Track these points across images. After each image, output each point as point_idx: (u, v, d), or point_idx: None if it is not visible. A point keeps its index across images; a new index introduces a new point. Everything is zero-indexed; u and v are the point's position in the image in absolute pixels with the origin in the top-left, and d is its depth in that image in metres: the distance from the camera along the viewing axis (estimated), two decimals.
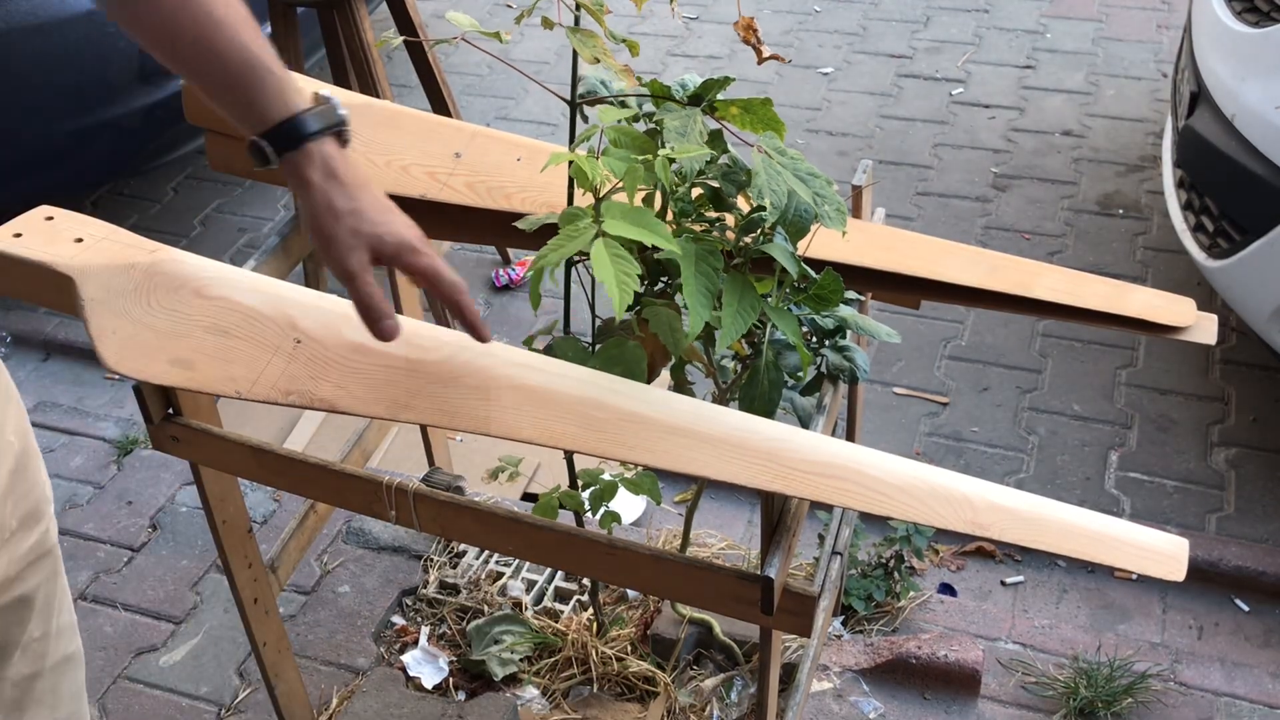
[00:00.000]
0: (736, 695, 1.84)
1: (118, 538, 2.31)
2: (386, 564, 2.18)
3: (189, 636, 2.10)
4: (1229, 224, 2.35)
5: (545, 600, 2.04)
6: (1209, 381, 2.66)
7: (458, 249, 3.18)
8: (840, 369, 1.30)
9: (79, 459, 2.50)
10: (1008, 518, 1.09)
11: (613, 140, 1.17)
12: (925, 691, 1.94)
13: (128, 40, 2.96)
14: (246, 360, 1.18)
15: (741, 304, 1.16)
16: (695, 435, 1.11)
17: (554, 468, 2.39)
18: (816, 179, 1.18)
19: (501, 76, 3.98)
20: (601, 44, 1.20)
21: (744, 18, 1.24)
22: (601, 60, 1.19)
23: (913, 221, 3.20)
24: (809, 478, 1.09)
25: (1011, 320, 2.82)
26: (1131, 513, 2.34)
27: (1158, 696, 1.91)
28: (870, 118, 3.69)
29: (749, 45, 1.26)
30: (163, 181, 3.51)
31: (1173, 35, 3.98)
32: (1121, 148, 3.47)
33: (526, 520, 1.26)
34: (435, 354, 1.18)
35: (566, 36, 1.19)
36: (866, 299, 1.51)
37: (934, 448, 2.52)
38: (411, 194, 1.44)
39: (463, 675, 1.95)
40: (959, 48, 4.04)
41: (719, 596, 1.21)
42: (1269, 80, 2.24)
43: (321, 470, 1.33)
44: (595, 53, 1.18)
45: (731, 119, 1.22)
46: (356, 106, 1.49)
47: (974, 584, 2.22)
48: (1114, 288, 1.42)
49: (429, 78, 2.61)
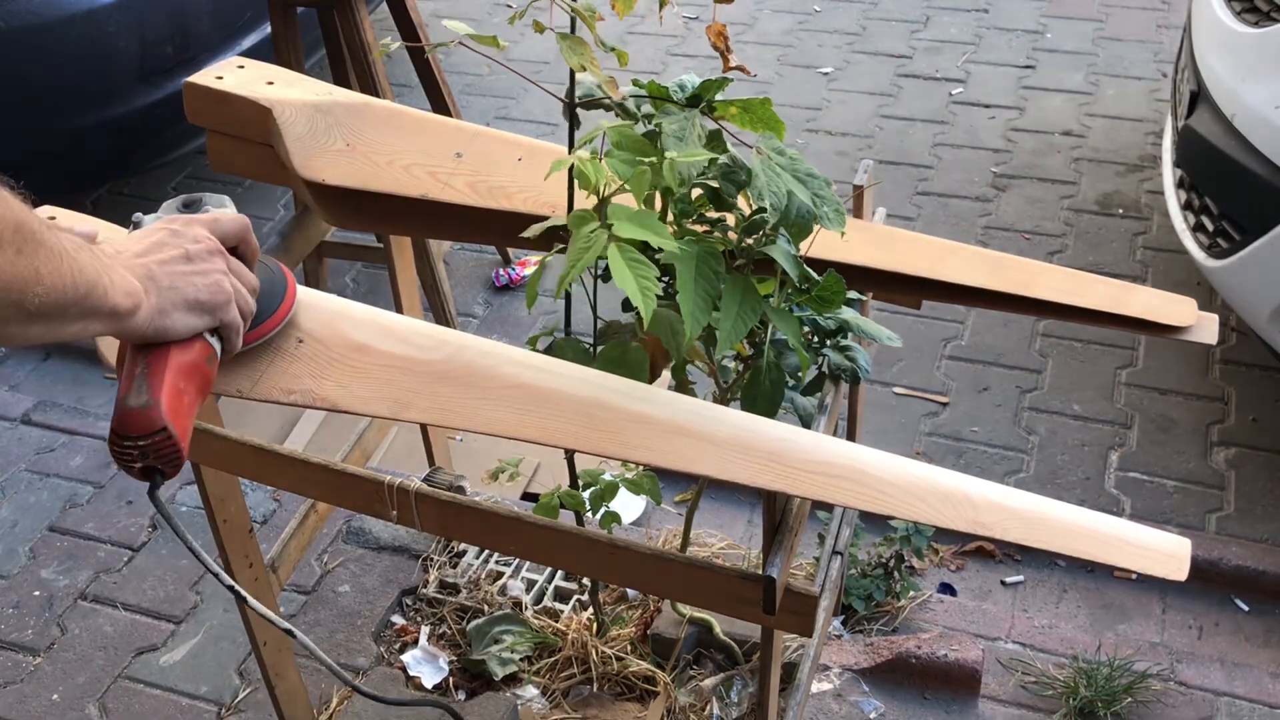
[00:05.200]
0: (736, 695, 1.84)
1: (118, 537, 2.31)
2: (386, 563, 2.18)
3: (189, 636, 2.10)
4: (1229, 224, 2.35)
5: (545, 600, 2.04)
6: (1209, 381, 2.66)
7: (458, 249, 3.18)
8: (842, 369, 1.30)
9: (79, 459, 2.50)
10: (1009, 517, 1.09)
11: (614, 142, 1.17)
12: (925, 691, 1.94)
13: (128, 40, 2.97)
14: (248, 360, 1.18)
15: (742, 306, 1.16)
16: (697, 435, 1.11)
17: (554, 468, 2.39)
18: (815, 180, 1.18)
19: (501, 76, 3.98)
20: (590, 53, 1.19)
21: (716, 24, 1.25)
22: (588, 69, 1.19)
23: (913, 221, 3.20)
24: (811, 477, 1.09)
25: (1011, 320, 2.82)
26: (1131, 512, 2.35)
27: (1158, 696, 1.91)
28: (870, 118, 3.69)
29: (718, 51, 1.27)
30: (163, 181, 3.51)
31: (1173, 35, 3.98)
32: (1121, 147, 3.47)
33: (527, 520, 1.26)
34: (436, 353, 1.18)
35: (557, 43, 1.19)
36: (867, 299, 1.51)
37: (934, 448, 2.52)
38: (412, 194, 1.44)
39: (463, 675, 1.95)
40: (959, 48, 4.04)
41: (720, 596, 1.21)
42: (1269, 80, 2.24)
43: (322, 470, 1.33)
44: (583, 60, 1.18)
45: (731, 119, 1.22)
46: (356, 106, 1.49)
47: (974, 584, 2.22)
48: (1114, 288, 1.42)
49: (429, 78, 2.61)
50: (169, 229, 1.01)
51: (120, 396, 0.96)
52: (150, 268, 0.96)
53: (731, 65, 1.28)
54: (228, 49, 3.06)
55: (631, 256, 1.08)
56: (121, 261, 0.94)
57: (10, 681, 2.03)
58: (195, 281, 0.98)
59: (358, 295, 3.00)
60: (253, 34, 3.14)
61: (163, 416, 0.95)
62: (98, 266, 0.87)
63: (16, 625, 2.14)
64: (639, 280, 1.07)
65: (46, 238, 0.81)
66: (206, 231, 1.02)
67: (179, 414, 0.97)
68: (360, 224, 1.59)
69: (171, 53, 2.92)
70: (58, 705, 1.99)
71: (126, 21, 2.78)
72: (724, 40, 1.26)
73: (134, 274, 0.93)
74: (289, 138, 1.43)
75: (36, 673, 2.05)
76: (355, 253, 2.72)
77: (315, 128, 1.45)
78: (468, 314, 2.98)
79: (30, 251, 0.79)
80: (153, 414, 0.95)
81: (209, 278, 0.99)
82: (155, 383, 0.96)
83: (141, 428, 0.95)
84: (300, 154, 1.43)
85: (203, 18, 2.99)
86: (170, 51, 2.91)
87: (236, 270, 1.04)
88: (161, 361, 0.97)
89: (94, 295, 0.87)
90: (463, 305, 2.99)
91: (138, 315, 0.93)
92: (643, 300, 1.06)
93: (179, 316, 0.97)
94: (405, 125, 1.50)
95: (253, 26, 3.15)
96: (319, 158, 1.43)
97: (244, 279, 1.05)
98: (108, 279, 0.88)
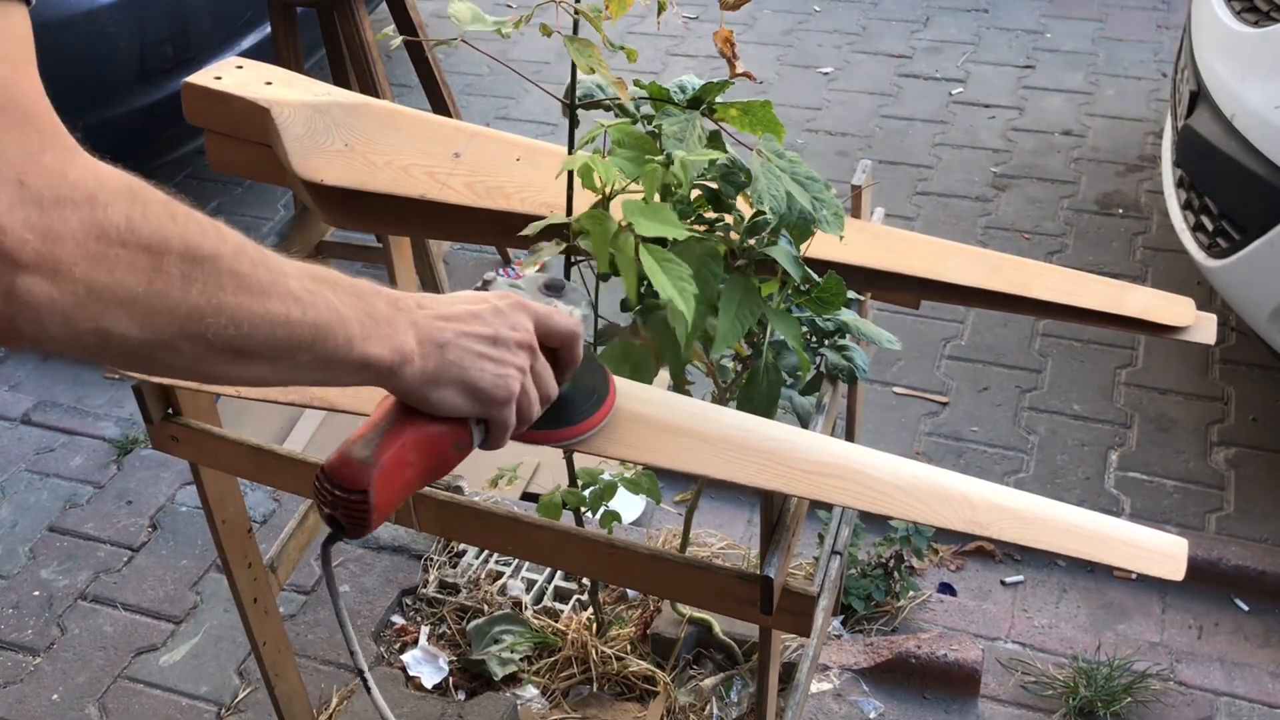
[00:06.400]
0: (736, 695, 1.84)
1: (118, 537, 2.31)
2: (386, 563, 2.18)
3: (189, 636, 2.11)
4: (1228, 223, 2.35)
5: (545, 600, 2.05)
6: (1209, 381, 2.66)
7: (458, 249, 3.18)
8: (839, 369, 1.30)
9: (79, 459, 2.50)
10: (1007, 517, 1.09)
11: (617, 141, 1.17)
12: (925, 691, 1.94)
13: (128, 40, 2.96)
14: None
15: (741, 307, 1.16)
16: (695, 434, 1.11)
17: (554, 467, 2.39)
18: (815, 183, 1.18)
19: (501, 76, 3.99)
20: (597, 53, 1.19)
21: (724, 30, 1.25)
22: (596, 70, 1.18)
23: (912, 221, 3.20)
24: (809, 476, 1.09)
25: (1011, 320, 2.82)
26: (1131, 512, 2.35)
27: (1157, 696, 1.91)
28: (870, 117, 3.69)
29: (725, 58, 1.27)
30: (163, 181, 3.49)
31: (1173, 35, 3.98)
32: (1121, 147, 3.47)
33: (524, 520, 1.26)
34: None
35: (564, 44, 1.19)
36: (866, 299, 1.51)
37: (934, 448, 2.52)
38: (411, 194, 1.44)
39: (462, 675, 1.95)
40: (959, 47, 4.04)
41: (717, 596, 1.21)
42: (1269, 80, 2.24)
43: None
44: (591, 62, 1.18)
45: (731, 121, 1.22)
46: (355, 106, 1.49)
47: (974, 584, 2.22)
48: (1113, 287, 1.42)
49: (429, 78, 2.61)
50: (494, 305, 0.92)
51: (350, 438, 0.90)
52: (446, 335, 0.88)
53: (738, 72, 1.28)
54: (227, 49, 3.06)
55: (662, 256, 1.07)
56: (413, 317, 0.87)
57: (10, 681, 2.04)
58: (485, 367, 0.89)
59: None
60: (252, 34, 3.14)
61: (372, 480, 0.87)
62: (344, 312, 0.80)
63: (16, 625, 2.14)
64: (677, 284, 1.05)
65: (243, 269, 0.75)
66: (532, 324, 0.93)
67: (390, 485, 0.89)
68: (358, 224, 1.59)
69: (171, 53, 2.92)
70: (58, 705, 1.99)
71: (126, 21, 2.78)
72: (730, 48, 1.26)
73: (420, 333, 0.86)
74: (287, 138, 1.43)
75: (36, 673, 2.05)
76: (355, 253, 2.72)
77: (313, 128, 1.45)
78: None
79: (210, 282, 0.73)
80: (365, 472, 0.87)
81: (502, 369, 0.90)
82: (387, 444, 0.88)
83: (347, 480, 0.88)
84: (298, 154, 1.43)
85: (203, 18, 2.99)
86: (170, 51, 2.91)
87: (538, 373, 0.94)
88: (406, 427, 0.90)
89: (328, 341, 0.80)
90: None
91: (403, 373, 0.85)
92: (683, 302, 1.05)
93: (448, 393, 0.89)
94: (403, 125, 1.50)
95: (252, 27, 3.15)
96: (317, 158, 1.43)
97: (542, 385, 0.95)
98: (358, 328, 0.81)
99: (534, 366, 0.93)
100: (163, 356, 0.73)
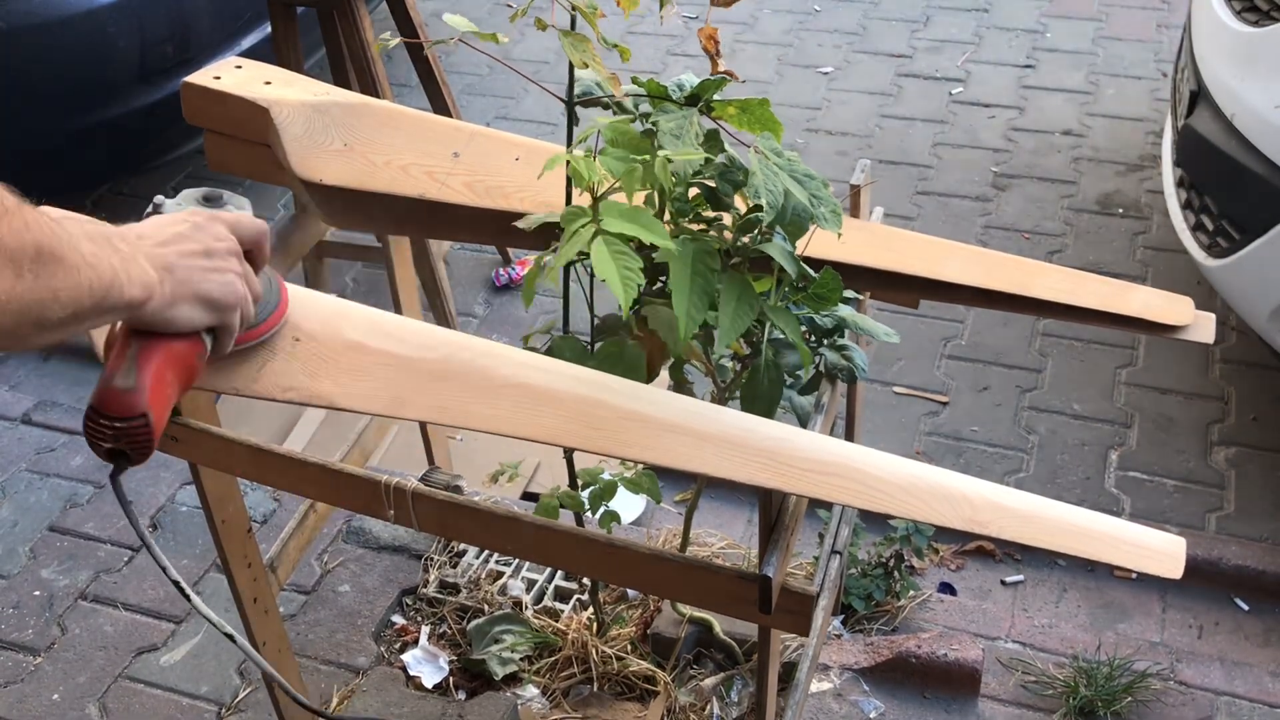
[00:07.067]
0: (736, 694, 1.84)
1: (118, 537, 2.31)
2: (386, 563, 2.18)
3: (189, 636, 2.11)
4: (1229, 223, 2.35)
5: (545, 599, 2.05)
6: (1209, 381, 2.66)
7: (458, 249, 3.18)
8: (838, 368, 1.30)
9: (79, 459, 2.50)
10: (1006, 515, 1.09)
11: (609, 140, 1.17)
12: (925, 691, 1.94)
13: (128, 40, 2.97)
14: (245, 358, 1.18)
15: (739, 304, 1.16)
16: (695, 433, 1.11)
17: (554, 467, 2.39)
18: (813, 180, 1.18)
19: (501, 76, 3.98)
20: (592, 49, 1.19)
21: (708, 27, 1.25)
22: (590, 66, 1.19)
23: (912, 221, 3.20)
24: (808, 475, 1.09)
25: (1011, 320, 2.82)
26: (1131, 512, 2.35)
27: (1157, 695, 1.91)
28: (870, 117, 3.69)
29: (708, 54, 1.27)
30: (163, 181, 3.51)
31: (1173, 35, 3.98)
32: (1121, 147, 3.47)
33: (524, 520, 1.26)
34: (435, 353, 1.18)
35: (559, 40, 1.19)
36: (865, 298, 1.51)
37: (934, 447, 2.52)
38: (410, 194, 1.44)
39: (463, 674, 1.95)
40: (959, 47, 4.04)
41: (717, 596, 1.21)
42: (1269, 80, 2.24)
43: (321, 470, 1.33)
44: (585, 58, 1.18)
45: (729, 119, 1.22)
46: (354, 106, 1.49)
47: (974, 583, 2.22)
48: (1113, 287, 1.42)
49: (429, 78, 2.61)
50: (192, 222, 1.01)
51: (106, 375, 0.96)
52: (170, 259, 0.96)
53: (720, 69, 1.28)
54: (227, 49, 3.06)
55: (616, 248, 1.08)
56: (143, 249, 0.94)
57: (10, 681, 2.04)
58: (211, 278, 0.98)
59: (357, 295, 3.00)
60: (252, 34, 3.14)
61: (145, 403, 0.95)
62: (115, 263, 0.87)
63: (16, 625, 2.14)
64: (621, 271, 1.07)
65: (66, 254, 0.81)
66: (228, 231, 1.03)
67: (160, 403, 0.97)
68: (358, 224, 1.60)
69: (171, 53, 2.92)
70: (58, 705, 1.99)
71: (126, 21, 2.78)
72: (714, 44, 1.26)
73: (153, 263, 0.94)
74: (286, 138, 1.43)
75: (37, 673, 2.05)
76: (355, 253, 2.72)
77: (313, 127, 1.45)
78: (468, 314, 2.98)
79: (49, 273, 0.79)
80: (136, 398, 0.95)
81: (224, 276, 0.99)
82: (144, 368, 0.96)
83: (122, 410, 0.94)
84: (298, 154, 1.43)
85: (203, 18, 3.00)
86: (170, 51, 2.92)
87: (247, 275, 1.04)
88: (155, 349, 0.97)
89: (110, 295, 0.87)
90: (463, 305, 2.99)
91: (149, 305, 0.93)
92: (623, 290, 1.06)
93: (187, 309, 0.97)
94: (403, 125, 1.50)
95: (252, 26, 3.15)
96: (316, 157, 1.44)
97: (251, 285, 1.05)
98: (124, 275, 0.89)
99: (244, 270, 1.03)
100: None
